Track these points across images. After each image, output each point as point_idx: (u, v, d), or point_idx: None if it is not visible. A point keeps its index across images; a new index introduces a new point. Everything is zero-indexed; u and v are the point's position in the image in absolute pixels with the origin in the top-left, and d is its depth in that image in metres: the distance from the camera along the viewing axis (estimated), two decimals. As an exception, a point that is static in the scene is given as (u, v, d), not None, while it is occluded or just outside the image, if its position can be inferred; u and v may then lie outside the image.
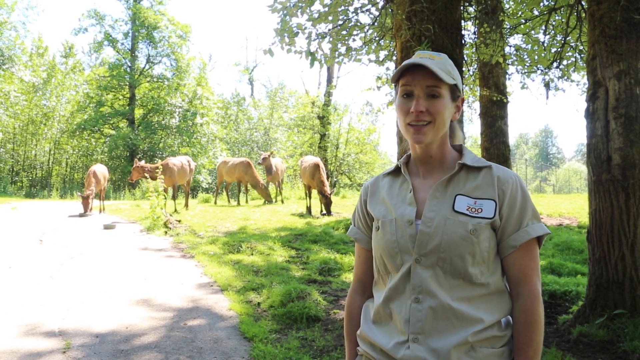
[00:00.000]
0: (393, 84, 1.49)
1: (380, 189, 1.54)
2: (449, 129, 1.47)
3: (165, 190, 12.01)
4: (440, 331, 1.30)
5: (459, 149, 1.51)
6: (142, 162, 13.23)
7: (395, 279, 1.39)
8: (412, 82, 1.39)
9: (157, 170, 12.31)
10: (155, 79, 30.35)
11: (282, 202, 16.37)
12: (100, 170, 13.57)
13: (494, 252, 1.37)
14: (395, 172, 1.55)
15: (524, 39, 8.66)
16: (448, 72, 1.40)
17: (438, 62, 1.40)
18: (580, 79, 9.63)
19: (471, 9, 7.68)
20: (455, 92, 1.44)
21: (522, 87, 9.40)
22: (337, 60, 6.38)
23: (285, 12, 5.46)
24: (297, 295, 4.95)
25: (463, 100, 1.50)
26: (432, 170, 1.46)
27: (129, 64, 29.49)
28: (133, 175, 13.12)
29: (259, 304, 5.14)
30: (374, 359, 1.41)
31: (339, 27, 5.96)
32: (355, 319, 1.57)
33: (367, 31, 6.31)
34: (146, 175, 12.67)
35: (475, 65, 9.33)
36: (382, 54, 7.20)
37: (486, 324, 1.31)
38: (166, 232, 9.60)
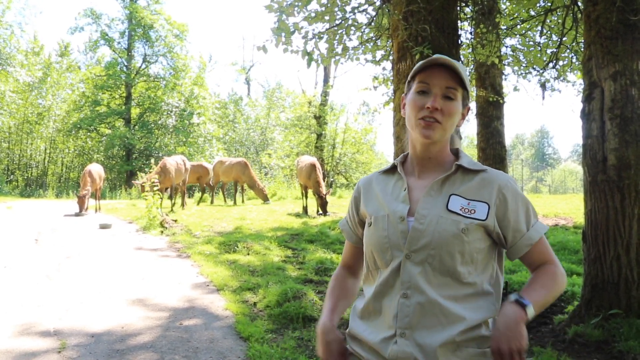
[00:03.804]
0: (407, 80, 1.51)
1: (375, 186, 1.56)
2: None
3: (161, 191, 11.98)
4: (428, 327, 1.32)
5: (456, 152, 1.54)
6: (143, 179, 12.82)
7: (385, 274, 1.41)
8: (431, 80, 1.42)
9: (157, 175, 12.26)
10: (151, 78, 30.29)
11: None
12: (96, 169, 13.51)
13: (483, 253, 1.39)
14: (391, 170, 1.57)
15: (520, 40, 8.68)
16: (465, 78, 1.44)
17: (457, 65, 1.43)
18: (576, 80, 9.67)
19: (468, 10, 7.69)
20: (465, 100, 1.47)
21: (515, 89, 9.45)
22: (333, 59, 6.39)
23: (281, 11, 5.45)
24: (293, 295, 4.95)
25: (469, 110, 1.53)
26: (428, 170, 1.49)
27: (125, 63, 29.40)
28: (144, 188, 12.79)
29: (255, 303, 5.13)
30: (362, 356, 1.43)
31: (335, 27, 5.96)
32: (338, 281, 1.65)
33: (364, 31, 6.32)
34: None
35: (472, 66, 9.36)
36: (379, 54, 7.22)
37: (472, 324, 1.33)
38: (162, 232, 9.58)
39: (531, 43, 8.44)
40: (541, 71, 8.95)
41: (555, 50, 7.46)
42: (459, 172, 1.45)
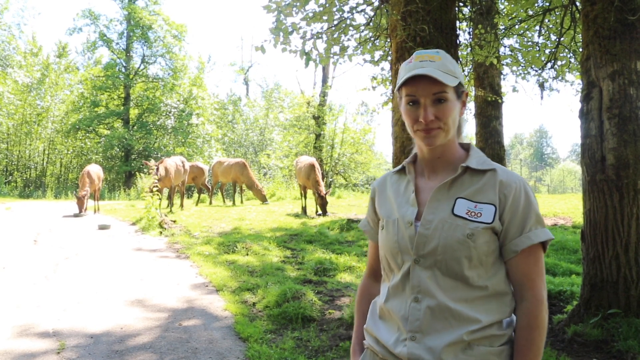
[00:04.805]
0: (397, 87, 1.47)
1: (388, 187, 1.55)
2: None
3: (160, 191, 11.98)
4: (438, 330, 1.32)
5: (467, 148, 1.49)
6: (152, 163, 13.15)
7: (397, 278, 1.42)
8: (416, 91, 1.38)
9: (156, 174, 12.30)
10: (150, 79, 30.27)
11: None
12: (95, 170, 13.51)
13: (494, 255, 1.37)
14: (402, 170, 1.55)
15: (518, 40, 8.68)
16: (451, 72, 1.38)
17: (439, 63, 1.38)
18: (575, 80, 9.68)
19: (466, 10, 7.69)
20: (459, 89, 1.42)
21: (514, 90, 9.45)
22: (332, 60, 6.38)
23: (280, 11, 5.45)
24: (293, 295, 4.95)
25: (467, 95, 1.48)
26: (437, 171, 1.46)
27: (124, 64, 29.41)
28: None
29: (254, 304, 5.13)
30: (377, 352, 1.45)
31: (333, 27, 5.96)
32: (364, 297, 1.66)
33: (362, 31, 6.32)
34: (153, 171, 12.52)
35: (470, 66, 9.35)
36: (377, 54, 7.21)
37: (484, 324, 1.32)
38: (161, 233, 9.57)
39: (529, 43, 8.44)
40: (540, 71, 8.94)
41: (553, 50, 7.46)
42: (467, 173, 1.41)
